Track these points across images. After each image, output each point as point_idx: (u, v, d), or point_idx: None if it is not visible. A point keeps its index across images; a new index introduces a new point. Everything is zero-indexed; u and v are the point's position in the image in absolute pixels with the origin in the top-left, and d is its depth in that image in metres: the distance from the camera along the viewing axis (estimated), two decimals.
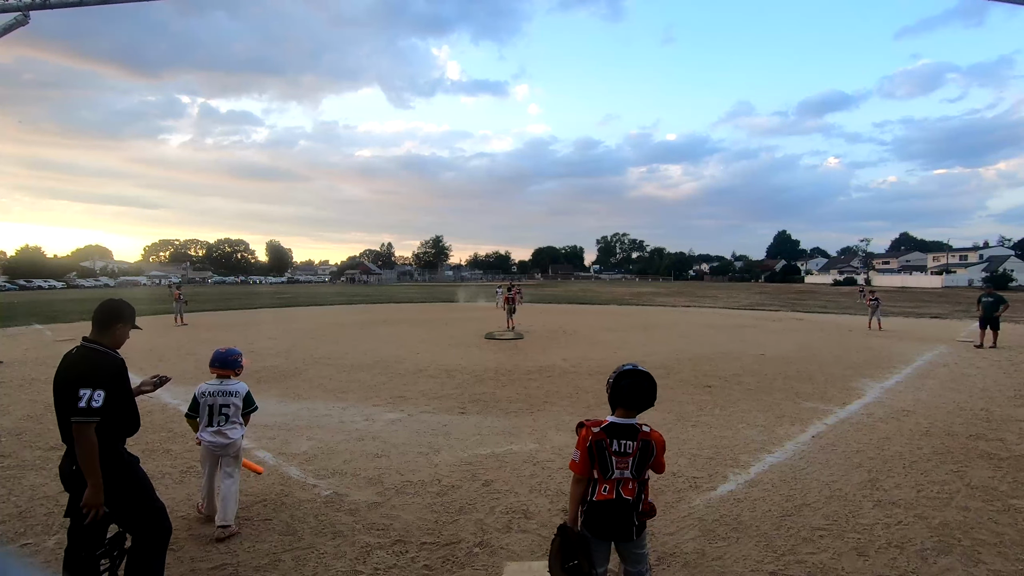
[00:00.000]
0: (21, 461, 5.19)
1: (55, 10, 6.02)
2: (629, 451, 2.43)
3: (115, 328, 2.78)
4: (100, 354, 2.66)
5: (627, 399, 2.49)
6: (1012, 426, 6.36)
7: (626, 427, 2.47)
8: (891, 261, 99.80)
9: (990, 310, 13.25)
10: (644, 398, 2.49)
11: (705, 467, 5.04)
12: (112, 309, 2.80)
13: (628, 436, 2.45)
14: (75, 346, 2.71)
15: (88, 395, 2.44)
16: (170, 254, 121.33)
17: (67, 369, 2.57)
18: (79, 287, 68.99)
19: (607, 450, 2.42)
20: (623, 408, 2.50)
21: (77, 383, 2.47)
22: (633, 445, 2.44)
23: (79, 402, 2.43)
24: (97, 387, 2.47)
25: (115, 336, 2.78)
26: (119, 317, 2.81)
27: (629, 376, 2.51)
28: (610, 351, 12.63)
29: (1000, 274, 62.77)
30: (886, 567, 3.32)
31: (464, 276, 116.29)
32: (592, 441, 2.43)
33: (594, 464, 2.43)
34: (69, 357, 2.64)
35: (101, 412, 2.47)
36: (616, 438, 2.44)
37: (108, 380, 2.56)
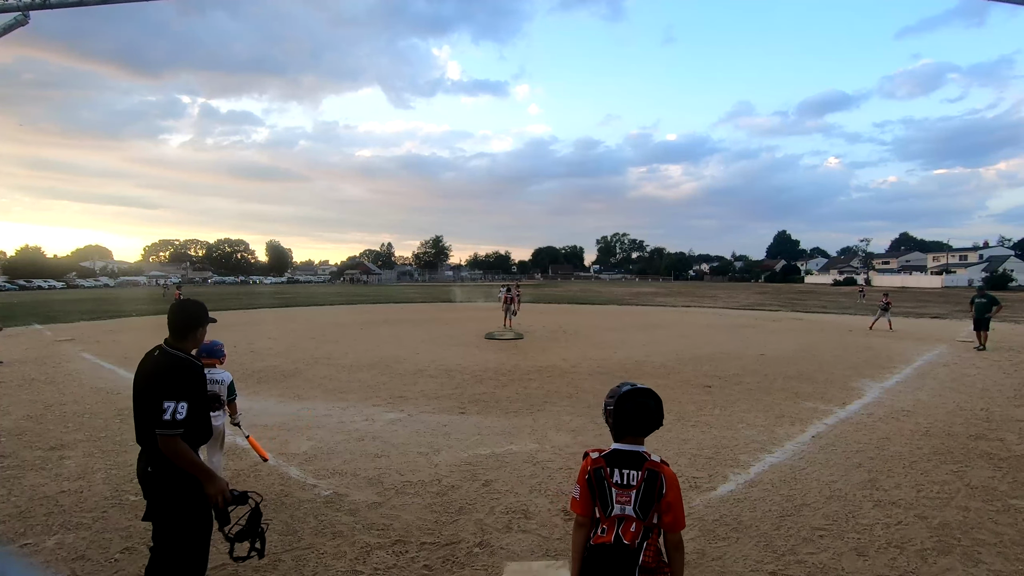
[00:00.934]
0: (21, 461, 5.19)
1: (55, 10, 6.02)
2: (632, 482, 2.04)
3: (196, 333, 2.69)
4: (184, 363, 2.56)
5: (634, 424, 2.11)
6: (1012, 426, 6.37)
7: (631, 454, 2.09)
8: (891, 261, 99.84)
9: (982, 311, 13.22)
10: (652, 420, 2.13)
11: (705, 467, 5.04)
12: (194, 314, 2.68)
13: (632, 464, 2.07)
14: (156, 349, 2.60)
15: (172, 408, 2.38)
16: (170, 254, 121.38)
17: (151, 376, 2.49)
18: (79, 287, 69.00)
19: (607, 480, 2.06)
20: (631, 436, 2.14)
21: (161, 394, 2.40)
22: (638, 476, 2.04)
23: (163, 415, 2.37)
24: (181, 399, 2.41)
25: (195, 341, 2.70)
26: (200, 322, 2.71)
27: (631, 398, 2.13)
28: (610, 351, 12.63)
29: (1000, 274, 62.78)
30: (886, 567, 3.32)
31: (464, 276, 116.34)
32: (591, 471, 2.08)
33: (595, 500, 2.07)
34: (152, 362, 2.54)
35: (184, 424, 2.41)
36: (618, 467, 2.07)
37: (192, 391, 2.50)
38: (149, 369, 2.52)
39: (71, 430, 6.23)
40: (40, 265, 78.23)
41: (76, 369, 10.32)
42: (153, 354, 2.58)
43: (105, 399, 7.78)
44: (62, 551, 3.52)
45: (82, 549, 3.54)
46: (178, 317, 2.63)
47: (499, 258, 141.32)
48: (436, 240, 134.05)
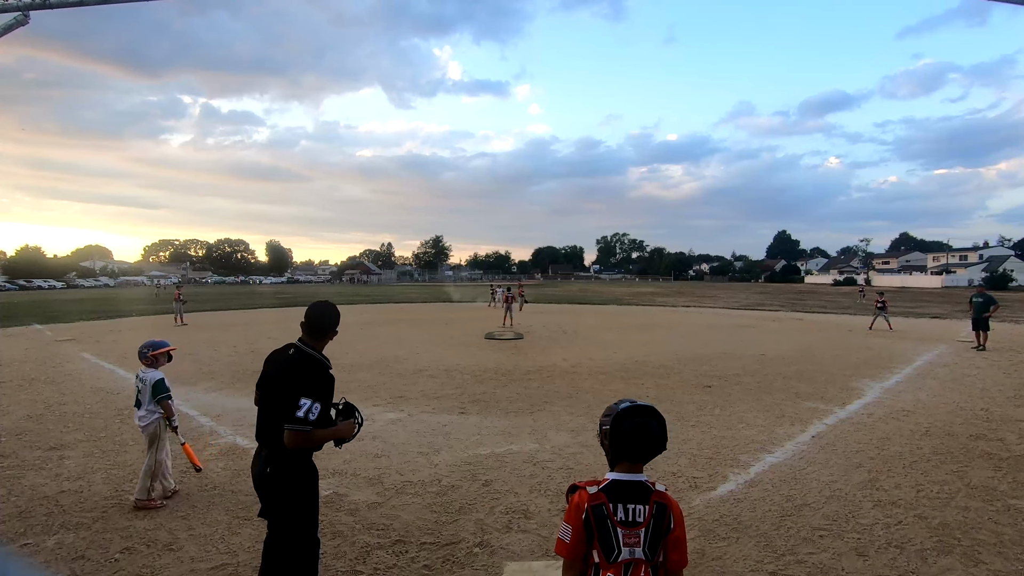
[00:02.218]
0: (21, 461, 5.19)
1: (56, 10, 6.01)
2: (640, 519, 1.73)
3: (330, 335, 2.69)
4: (320, 364, 2.57)
5: (633, 449, 1.79)
6: (1012, 426, 6.36)
7: (634, 485, 1.78)
8: (891, 261, 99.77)
9: (980, 310, 13.20)
10: (655, 443, 1.80)
11: (705, 467, 5.04)
12: (332, 315, 2.68)
13: (638, 498, 1.75)
14: (291, 346, 2.62)
15: (308, 406, 2.40)
16: (170, 254, 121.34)
17: (289, 372, 2.49)
18: (79, 287, 68.98)
19: (610, 518, 1.72)
20: (627, 461, 1.81)
21: (299, 391, 2.41)
22: (645, 511, 1.74)
23: (298, 411, 2.38)
24: (317, 399, 2.43)
25: (327, 342, 2.69)
26: (336, 323, 2.71)
27: (630, 416, 1.81)
28: (610, 351, 12.63)
29: (1000, 274, 62.73)
30: (886, 567, 3.32)
31: (464, 276, 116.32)
32: (589, 508, 1.73)
33: (592, 542, 1.73)
34: (289, 359, 2.55)
35: (316, 424, 2.44)
36: (621, 502, 1.74)
37: (326, 392, 2.51)
38: (286, 366, 2.52)
39: (71, 430, 6.23)
40: (40, 265, 78.17)
41: (76, 369, 10.32)
42: (288, 351, 2.59)
43: (105, 399, 7.78)
44: (62, 551, 3.52)
45: (82, 549, 3.55)
46: (318, 317, 2.63)
47: (499, 258, 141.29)
48: (436, 240, 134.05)
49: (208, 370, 10.09)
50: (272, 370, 2.56)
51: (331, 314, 2.67)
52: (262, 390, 2.60)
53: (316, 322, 2.62)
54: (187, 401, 7.55)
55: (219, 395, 8.12)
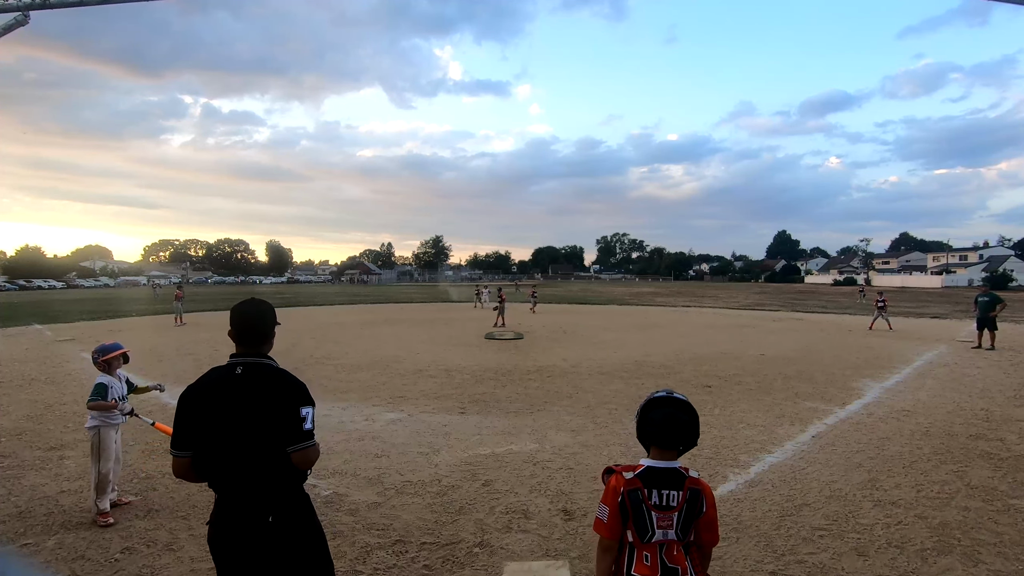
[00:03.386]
0: (21, 461, 5.19)
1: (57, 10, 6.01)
2: (674, 503, 1.85)
3: (273, 336, 2.24)
4: (285, 371, 2.14)
5: (661, 436, 1.92)
6: (1012, 426, 6.36)
7: (668, 472, 1.89)
8: (891, 261, 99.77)
9: (985, 309, 13.17)
10: (683, 434, 1.92)
11: (705, 467, 5.04)
12: (272, 314, 2.23)
13: (672, 484, 1.87)
14: (237, 366, 2.10)
15: (311, 413, 2.06)
16: (170, 254, 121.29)
17: (272, 390, 2.04)
18: (79, 287, 68.98)
19: (644, 503, 1.84)
20: (657, 447, 1.94)
21: (297, 402, 2.02)
22: (679, 496, 1.85)
23: (304, 423, 2.01)
24: (312, 404, 2.09)
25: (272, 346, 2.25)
26: (274, 320, 2.25)
27: (661, 405, 1.95)
28: (610, 351, 12.63)
29: (1000, 274, 62.76)
30: (886, 567, 3.32)
31: (464, 276, 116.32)
32: (625, 492, 1.85)
33: (627, 523, 1.85)
34: (251, 379, 2.06)
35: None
36: (656, 487, 1.86)
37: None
38: (264, 384, 2.04)
39: (71, 430, 6.23)
40: (40, 265, 78.21)
41: (76, 369, 10.31)
42: (235, 372, 2.07)
43: None
44: (62, 551, 3.52)
45: (82, 549, 3.55)
46: (263, 321, 2.18)
47: (499, 258, 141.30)
48: (436, 240, 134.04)
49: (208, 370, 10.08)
50: (235, 397, 2.01)
51: (270, 313, 2.22)
52: (217, 426, 2.00)
53: (261, 327, 2.16)
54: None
55: None
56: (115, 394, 4.14)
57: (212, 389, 2.07)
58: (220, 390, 2.05)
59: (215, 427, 2.00)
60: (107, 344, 4.34)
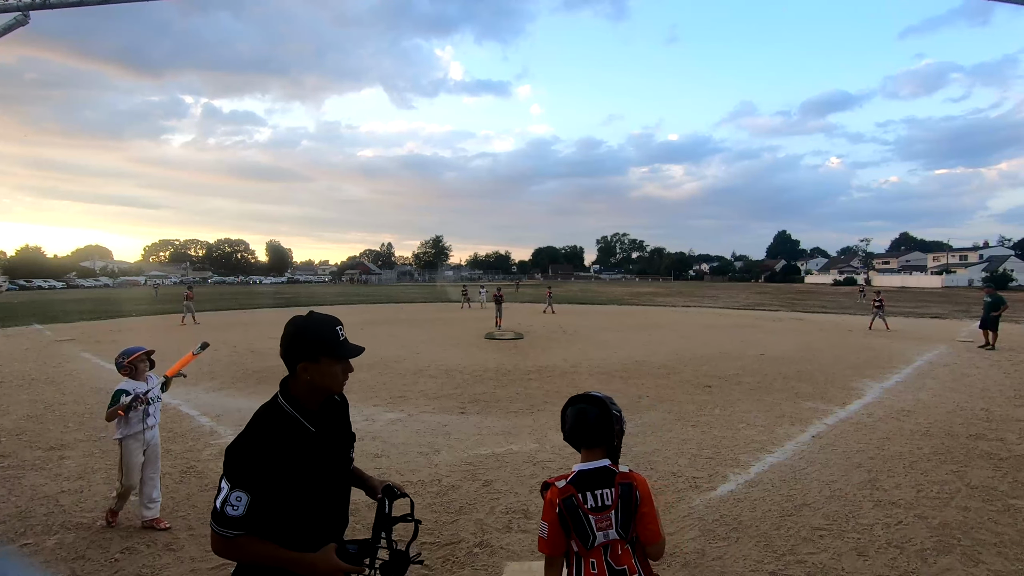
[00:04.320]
0: (21, 461, 5.19)
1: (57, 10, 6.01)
2: (608, 502, 1.80)
3: (297, 366, 1.70)
4: (255, 421, 1.76)
5: (572, 433, 1.94)
6: (1012, 426, 6.36)
7: (597, 472, 1.84)
8: (891, 261, 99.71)
9: (988, 310, 13.23)
10: (593, 429, 1.88)
11: (705, 467, 5.04)
12: (293, 334, 1.67)
13: (603, 483, 1.82)
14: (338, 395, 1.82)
15: (226, 492, 1.60)
16: (170, 254, 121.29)
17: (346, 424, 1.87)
18: (79, 287, 68.98)
19: (580, 508, 1.79)
20: (576, 447, 1.95)
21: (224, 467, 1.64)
22: (612, 494, 1.81)
23: (216, 498, 1.62)
24: (234, 482, 1.65)
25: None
26: (300, 345, 1.67)
27: (574, 403, 1.96)
28: (610, 351, 12.63)
29: (1000, 274, 62.73)
30: (886, 567, 3.32)
31: (464, 276, 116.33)
32: (561, 502, 1.79)
33: (570, 534, 1.79)
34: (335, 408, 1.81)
35: None
36: (589, 489, 1.81)
37: None
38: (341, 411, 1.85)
39: (71, 430, 6.23)
40: (40, 265, 78.24)
41: (76, 369, 10.31)
42: (335, 400, 1.81)
43: (105, 399, 7.73)
44: (62, 551, 3.52)
45: (82, 549, 3.55)
46: (284, 342, 1.69)
47: (499, 258, 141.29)
48: (436, 240, 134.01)
49: (208, 370, 10.08)
50: (329, 431, 1.71)
51: (293, 334, 1.66)
52: (335, 461, 1.73)
53: (284, 349, 1.68)
54: (187, 401, 7.56)
55: (219, 395, 8.12)
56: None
57: (315, 418, 1.78)
58: (325, 417, 1.78)
59: (335, 463, 1.83)
60: (129, 348, 4.13)
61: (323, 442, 1.63)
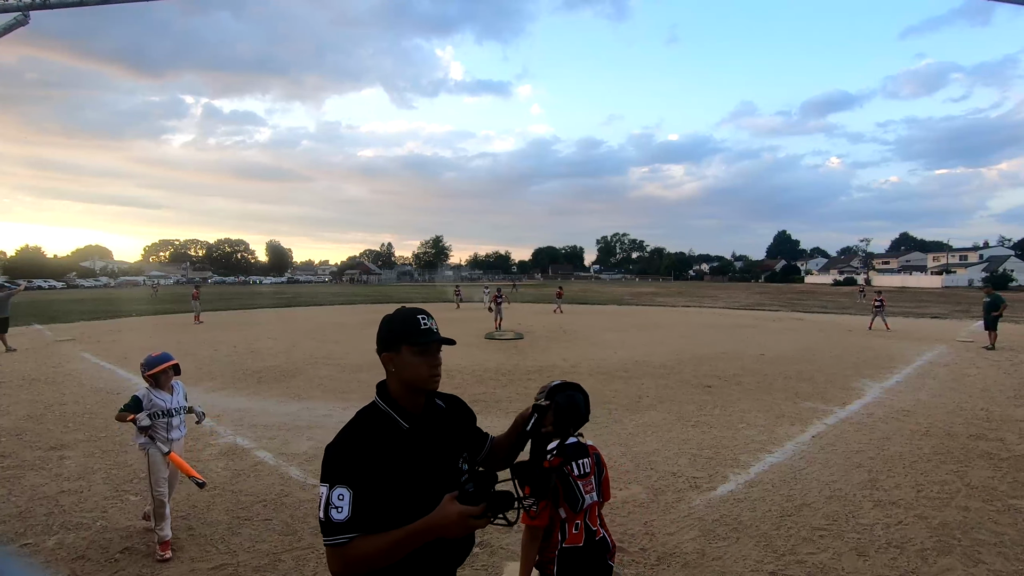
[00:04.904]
0: (21, 461, 5.19)
1: (58, 10, 6.02)
2: (589, 470, 2.09)
3: (385, 359, 1.62)
4: (354, 421, 1.66)
5: (565, 420, 2.06)
6: (1012, 426, 6.36)
7: (574, 445, 2.11)
8: (891, 261, 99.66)
9: (988, 310, 13.24)
10: (582, 413, 2.10)
11: (705, 467, 5.04)
12: (384, 327, 1.62)
13: (582, 454, 2.11)
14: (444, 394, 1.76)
15: (327, 493, 1.48)
16: (170, 254, 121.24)
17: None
18: (79, 287, 68.97)
19: (571, 476, 2.03)
20: (568, 429, 2.13)
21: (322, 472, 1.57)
22: (589, 462, 2.11)
23: (320, 506, 1.50)
24: (334, 481, 1.52)
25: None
26: (387, 335, 1.61)
27: (562, 390, 2.07)
28: (610, 351, 12.63)
29: (1000, 274, 62.73)
30: (886, 567, 3.32)
31: (464, 276, 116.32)
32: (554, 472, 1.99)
33: (559, 503, 2.01)
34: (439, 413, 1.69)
35: None
36: (573, 459, 2.07)
37: None
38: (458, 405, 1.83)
39: (71, 430, 6.23)
40: (40, 265, 78.19)
41: (76, 369, 10.31)
42: (435, 401, 1.70)
43: (105, 399, 7.78)
44: (62, 551, 3.52)
45: (82, 549, 3.55)
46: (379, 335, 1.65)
47: (499, 258, 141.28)
48: (436, 240, 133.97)
49: (208, 370, 10.08)
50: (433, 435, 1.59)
51: (384, 327, 1.61)
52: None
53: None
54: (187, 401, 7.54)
55: (219, 395, 8.12)
56: (160, 407, 3.68)
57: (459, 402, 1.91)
58: (427, 422, 1.66)
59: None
60: (153, 356, 3.77)
61: (420, 441, 1.53)
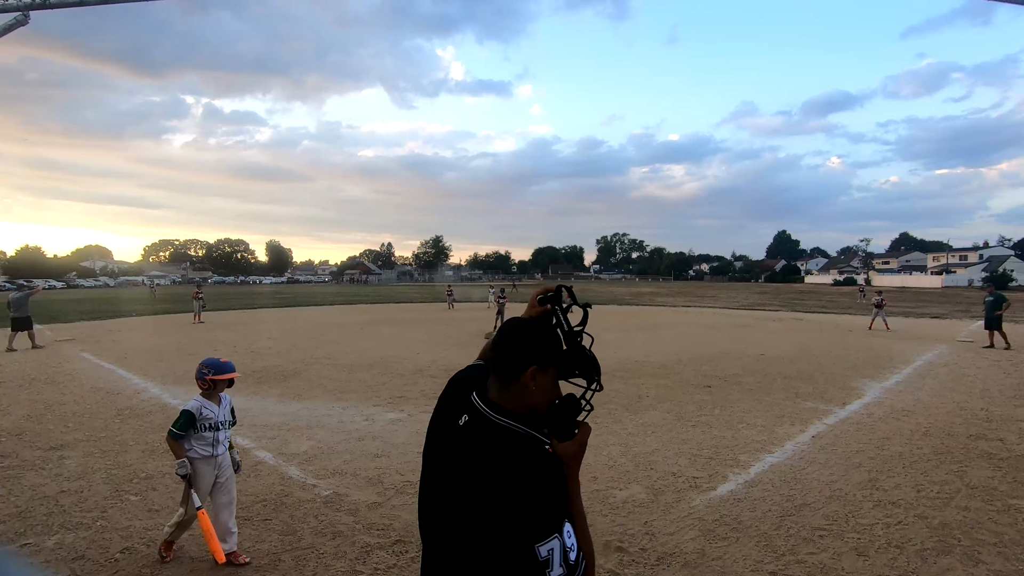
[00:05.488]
0: (21, 461, 5.19)
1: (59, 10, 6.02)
2: None
3: (520, 376, 1.31)
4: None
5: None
6: (1012, 426, 6.36)
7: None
8: (891, 261, 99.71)
9: (990, 309, 13.22)
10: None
11: (705, 467, 5.04)
12: (525, 339, 1.34)
13: None
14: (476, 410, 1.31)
15: (550, 550, 1.12)
16: (170, 254, 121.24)
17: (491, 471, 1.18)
18: (79, 287, 68.95)
19: None
20: None
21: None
22: None
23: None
24: (551, 533, 1.12)
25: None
26: (529, 351, 1.31)
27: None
28: (610, 351, 12.62)
29: (1000, 274, 62.72)
30: (886, 567, 3.32)
31: (464, 276, 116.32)
32: None
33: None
34: (484, 439, 1.25)
35: None
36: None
37: None
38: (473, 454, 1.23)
39: (71, 430, 6.23)
40: (40, 265, 78.21)
41: (76, 369, 10.31)
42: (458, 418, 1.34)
43: (105, 399, 7.78)
44: (62, 551, 3.52)
45: (82, 549, 3.54)
46: (510, 347, 1.32)
47: (499, 258, 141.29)
48: (436, 240, 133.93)
49: None
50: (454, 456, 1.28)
51: (524, 339, 1.33)
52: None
53: (506, 353, 1.32)
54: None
55: None
56: (209, 420, 3.52)
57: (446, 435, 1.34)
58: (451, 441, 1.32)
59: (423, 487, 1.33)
60: (220, 361, 3.57)
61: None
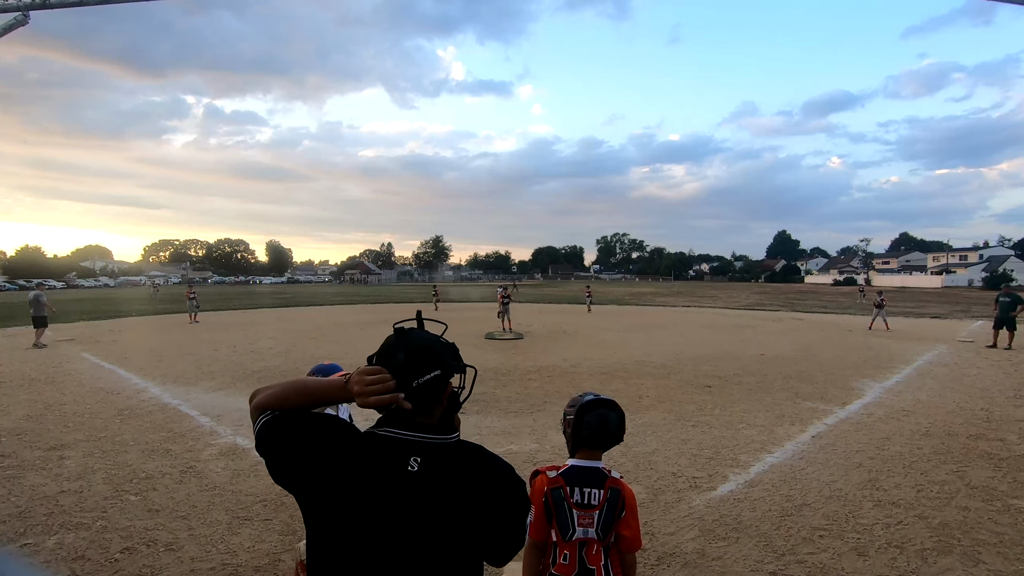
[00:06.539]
0: (21, 461, 5.19)
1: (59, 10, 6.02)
2: (595, 502, 1.88)
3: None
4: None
5: (593, 438, 1.96)
6: (1012, 426, 6.36)
7: (591, 471, 1.94)
8: (891, 261, 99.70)
9: (1006, 310, 13.10)
10: (613, 434, 1.98)
11: (705, 467, 5.04)
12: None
13: (594, 483, 1.91)
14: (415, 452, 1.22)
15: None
16: (170, 254, 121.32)
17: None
18: (79, 287, 68.97)
19: (567, 500, 1.88)
20: (587, 448, 1.99)
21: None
22: (600, 495, 1.89)
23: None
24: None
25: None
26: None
27: (593, 408, 1.97)
28: (610, 351, 12.63)
29: (1000, 274, 62.72)
30: (886, 567, 3.32)
31: (464, 276, 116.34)
32: (548, 491, 1.89)
33: (551, 521, 1.88)
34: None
35: None
36: (578, 485, 1.90)
37: None
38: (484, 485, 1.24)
39: (71, 430, 6.23)
40: (40, 265, 78.23)
41: (76, 369, 10.31)
42: (411, 466, 1.20)
43: (105, 399, 7.78)
44: (62, 551, 3.52)
45: (82, 549, 3.54)
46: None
47: (499, 258, 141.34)
48: (436, 240, 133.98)
49: (208, 370, 10.08)
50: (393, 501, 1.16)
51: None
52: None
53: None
54: (187, 401, 7.56)
55: (219, 395, 8.11)
56: None
57: (383, 482, 1.20)
58: (391, 487, 1.19)
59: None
60: (325, 364, 3.00)
61: None
